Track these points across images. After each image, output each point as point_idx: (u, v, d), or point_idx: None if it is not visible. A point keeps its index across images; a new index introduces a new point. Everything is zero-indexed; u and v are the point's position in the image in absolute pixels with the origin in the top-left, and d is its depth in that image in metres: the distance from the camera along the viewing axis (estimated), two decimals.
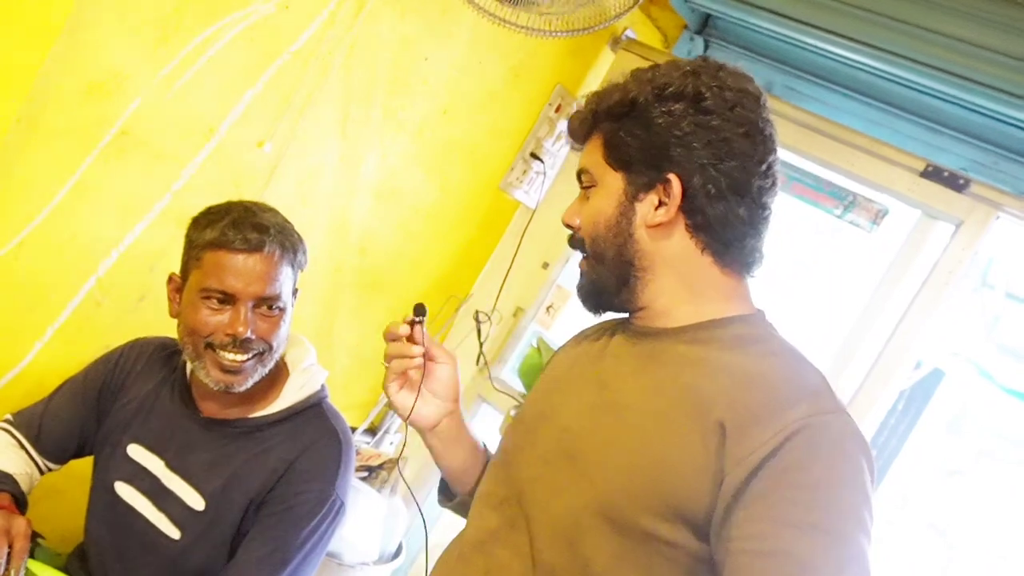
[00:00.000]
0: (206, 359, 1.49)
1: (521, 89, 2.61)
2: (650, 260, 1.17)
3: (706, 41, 2.94)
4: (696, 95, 1.13)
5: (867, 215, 2.38)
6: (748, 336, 1.16)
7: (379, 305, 2.62)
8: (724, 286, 1.19)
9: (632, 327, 1.23)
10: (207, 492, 1.51)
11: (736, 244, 1.17)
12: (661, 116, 1.14)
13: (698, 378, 1.10)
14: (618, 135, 1.17)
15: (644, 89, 1.16)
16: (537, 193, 2.81)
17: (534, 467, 1.19)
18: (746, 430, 1.01)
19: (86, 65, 1.59)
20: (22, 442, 1.58)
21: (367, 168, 2.28)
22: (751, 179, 1.15)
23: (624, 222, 1.17)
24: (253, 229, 1.48)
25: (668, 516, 1.04)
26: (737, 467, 1.00)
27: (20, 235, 1.65)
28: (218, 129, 1.86)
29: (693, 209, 1.15)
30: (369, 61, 2.10)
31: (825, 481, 0.99)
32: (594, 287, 1.23)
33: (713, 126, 1.13)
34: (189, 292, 1.50)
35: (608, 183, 1.19)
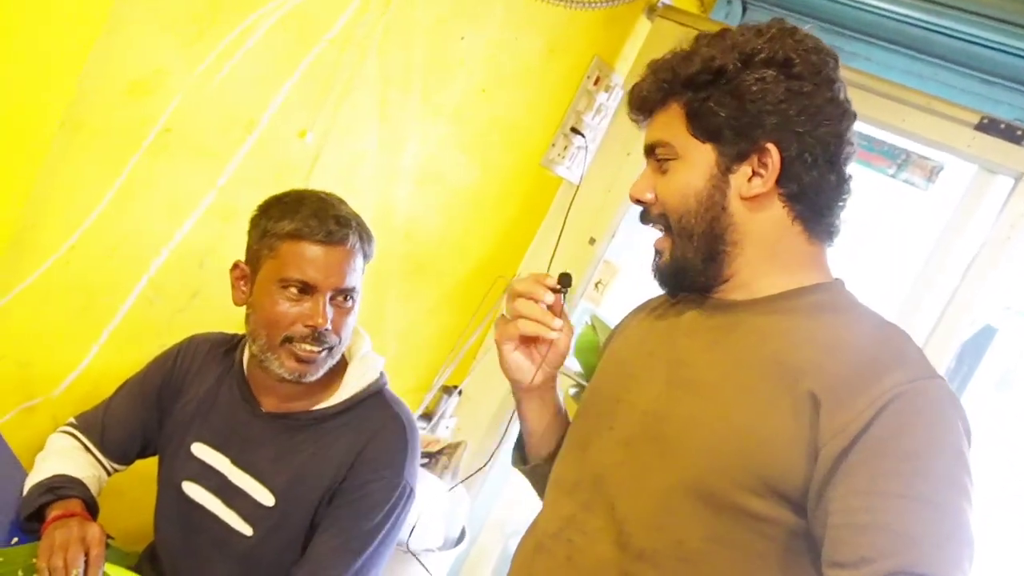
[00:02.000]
0: (281, 351, 1.49)
1: (558, 63, 2.58)
2: (741, 233, 1.13)
3: (744, 3, 2.88)
4: (786, 60, 1.09)
5: (922, 173, 2.32)
6: (829, 303, 1.12)
7: (426, 290, 2.61)
8: (808, 255, 1.15)
9: (706, 301, 1.19)
10: (276, 488, 1.51)
11: (827, 212, 1.14)
12: (754, 83, 1.09)
13: (782, 348, 1.07)
14: (705, 105, 1.11)
15: (729, 56, 1.10)
16: (580, 168, 2.77)
17: (615, 452, 1.16)
18: (840, 400, 0.98)
19: (126, 64, 1.58)
20: (88, 445, 1.59)
21: (408, 152, 2.26)
22: (841, 145, 1.12)
23: (717, 195, 1.12)
24: (335, 221, 1.48)
25: (762, 491, 1.02)
26: (833, 439, 0.97)
27: (71, 239, 1.65)
28: (259, 121, 1.85)
29: (789, 178, 1.11)
30: (405, 44, 2.08)
31: (925, 450, 0.96)
32: (678, 266, 1.17)
33: (805, 92, 1.09)
34: (264, 281, 1.49)
35: (694, 155, 1.14)
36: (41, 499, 1.42)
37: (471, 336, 2.79)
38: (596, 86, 2.73)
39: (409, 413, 1.61)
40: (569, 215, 2.70)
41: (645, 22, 2.77)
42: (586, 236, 2.73)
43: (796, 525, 1.02)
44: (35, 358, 1.73)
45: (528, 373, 1.27)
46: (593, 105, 2.74)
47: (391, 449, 1.54)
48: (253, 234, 1.53)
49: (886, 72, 2.52)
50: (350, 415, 1.56)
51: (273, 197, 1.55)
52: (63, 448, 1.56)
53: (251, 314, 1.52)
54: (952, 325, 2.20)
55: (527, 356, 1.27)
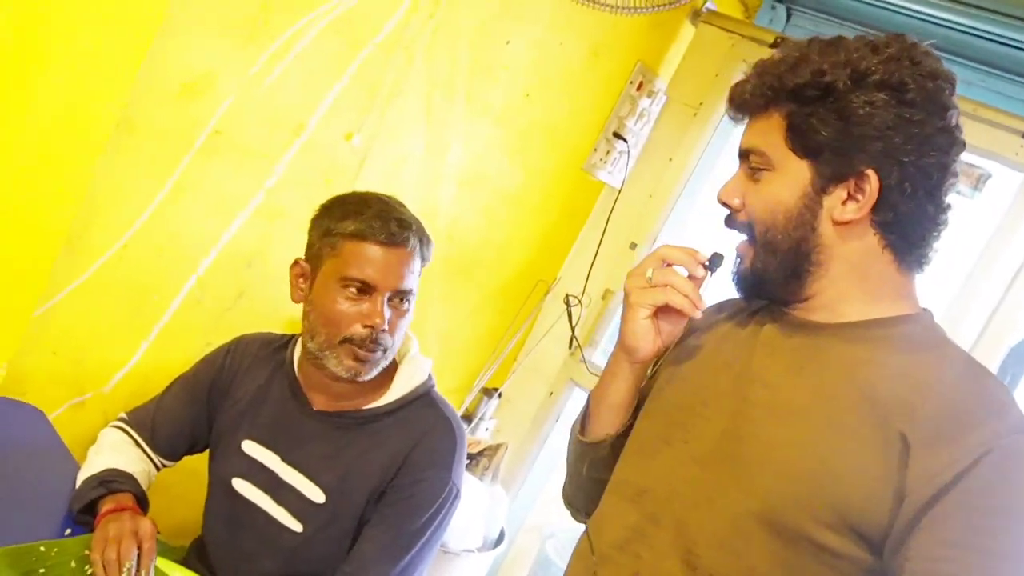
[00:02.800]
0: (340, 350, 1.51)
1: (602, 68, 2.58)
2: (827, 255, 1.09)
3: (788, 9, 2.87)
4: (900, 84, 1.03)
5: (968, 181, 2.29)
6: (919, 338, 1.09)
7: (468, 292, 2.63)
8: (897, 285, 1.11)
9: (786, 317, 1.15)
10: (325, 485, 1.53)
11: (920, 243, 1.09)
12: (862, 106, 1.04)
13: (872, 382, 1.03)
14: (808, 120, 1.07)
15: (841, 73, 1.05)
16: (621, 173, 2.77)
17: (687, 467, 1.12)
18: (933, 446, 0.95)
19: (179, 67, 1.61)
20: (137, 440, 1.61)
21: (452, 155, 2.28)
22: (945, 175, 1.07)
23: (808, 215, 1.09)
24: (397, 223, 1.51)
25: (838, 527, 0.99)
26: (923, 485, 0.94)
27: (123, 238, 1.69)
28: (307, 124, 1.88)
29: (885, 206, 1.06)
30: (451, 48, 2.09)
31: (1015, 508, 0.93)
32: (757, 276, 1.14)
33: (916, 120, 1.04)
34: (324, 279, 1.52)
35: (790, 169, 1.09)
36: (94, 492, 1.45)
37: (512, 339, 2.80)
38: (639, 91, 2.72)
39: (457, 415, 1.63)
40: (610, 220, 2.70)
41: (689, 27, 2.77)
42: (627, 241, 2.73)
43: (869, 563, 0.99)
44: (87, 354, 1.76)
45: (649, 343, 1.20)
46: (636, 110, 2.74)
47: (440, 450, 1.56)
48: (314, 232, 1.55)
49: None
50: (399, 415, 1.57)
51: (336, 197, 1.58)
52: (115, 442, 1.59)
53: (310, 311, 1.54)
54: (998, 333, 2.17)
55: (653, 326, 1.20)
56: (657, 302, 1.18)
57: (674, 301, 1.16)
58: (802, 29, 2.85)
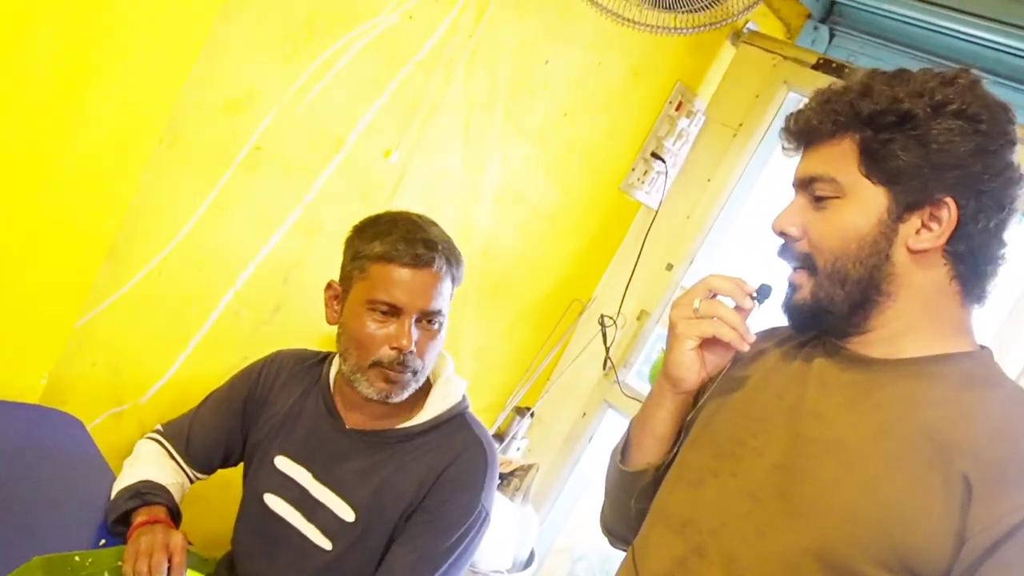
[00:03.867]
0: (371, 373, 1.51)
1: (641, 88, 2.58)
2: (898, 285, 1.07)
3: (831, 30, 2.84)
4: (976, 115, 1.03)
5: None
6: (979, 376, 1.06)
7: (502, 310, 2.62)
8: (958, 319, 1.09)
9: (839, 350, 1.13)
10: (357, 503, 1.53)
11: (987, 276, 1.07)
12: (942, 133, 1.03)
13: (935, 421, 1.01)
14: (887, 147, 1.05)
15: (919, 102, 1.04)
16: (659, 194, 2.76)
17: (739, 502, 1.10)
18: (995, 491, 0.93)
19: (223, 83, 1.63)
20: (172, 452, 1.62)
21: (489, 173, 2.28)
22: (1013, 209, 1.05)
23: (883, 242, 1.06)
24: (423, 245, 1.50)
25: (896, 568, 0.97)
26: (985, 531, 0.92)
27: (165, 251, 1.71)
28: (347, 140, 1.89)
29: (960, 237, 1.04)
30: (491, 67, 2.10)
31: None
32: (819, 307, 1.11)
33: (992, 150, 1.03)
34: (353, 302, 1.52)
35: (864, 196, 1.07)
36: (128, 504, 1.46)
37: (545, 358, 2.79)
38: (678, 111, 2.72)
39: (490, 437, 1.62)
40: (647, 240, 2.69)
41: (729, 48, 2.75)
42: (664, 262, 2.71)
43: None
44: (126, 365, 1.78)
45: (695, 374, 1.18)
46: (674, 130, 2.73)
47: (472, 472, 1.55)
48: (347, 255, 1.56)
49: None
50: (433, 435, 1.57)
51: (369, 218, 1.58)
52: (150, 454, 1.60)
53: (342, 333, 1.55)
54: None
55: (699, 357, 1.19)
56: (704, 334, 1.16)
57: (722, 334, 1.14)
58: (845, 50, 2.82)
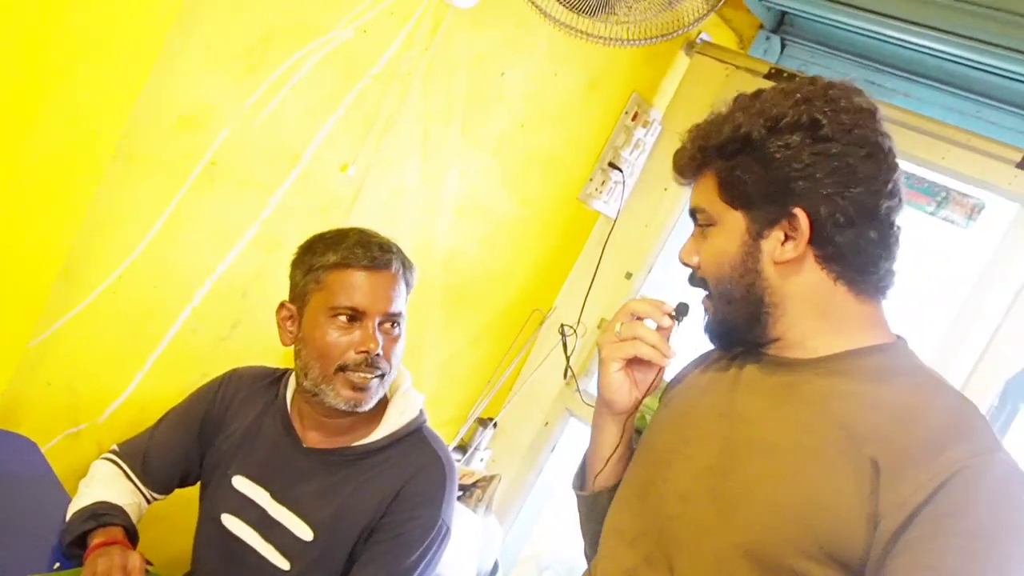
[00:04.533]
0: (336, 381, 1.50)
1: (597, 99, 2.60)
2: (780, 296, 1.12)
3: (783, 40, 2.89)
4: (812, 123, 1.08)
5: (962, 211, 2.30)
6: (892, 367, 1.10)
7: (464, 322, 2.63)
8: (860, 314, 1.13)
9: (765, 357, 1.18)
10: (315, 522, 1.52)
11: (871, 269, 1.12)
12: (779, 150, 1.08)
13: (847, 413, 1.05)
14: (734, 173, 1.12)
15: (755, 122, 1.10)
16: (617, 203, 2.78)
17: (673, 504, 1.14)
18: (902, 471, 0.96)
19: (176, 99, 1.62)
20: (129, 473, 1.60)
21: (448, 186, 2.29)
22: (879, 201, 1.09)
23: (750, 261, 1.12)
24: (379, 248, 1.53)
25: (820, 558, 1.00)
26: (894, 511, 0.95)
27: (119, 268, 1.69)
28: (303, 155, 1.89)
29: (822, 240, 1.09)
30: (447, 80, 2.11)
31: (987, 528, 0.93)
32: (723, 326, 1.18)
33: (834, 153, 1.07)
34: (312, 315, 1.52)
35: (728, 222, 1.14)
36: (84, 525, 1.44)
37: (507, 368, 2.80)
38: (634, 121, 2.74)
39: (448, 452, 1.62)
40: (606, 249, 2.71)
41: (684, 58, 2.79)
42: (623, 271, 2.73)
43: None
44: (82, 384, 1.76)
45: (626, 395, 1.25)
46: (631, 140, 2.76)
47: (431, 488, 1.55)
48: (297, 273, 1.56)
49: (926, 109, 2.51)
50: (391, 452, 1.57)
51: (313, 236, 1.59)
52: (106, 475, 1.59)
53: (301, 350, 1.54)
54: (994, 364, 2.18)
55: (627, 378, 1.25)
56: (627, 355, 1.22)
57: (642, 353, 1.21)
58: (796, 60, 2.87)
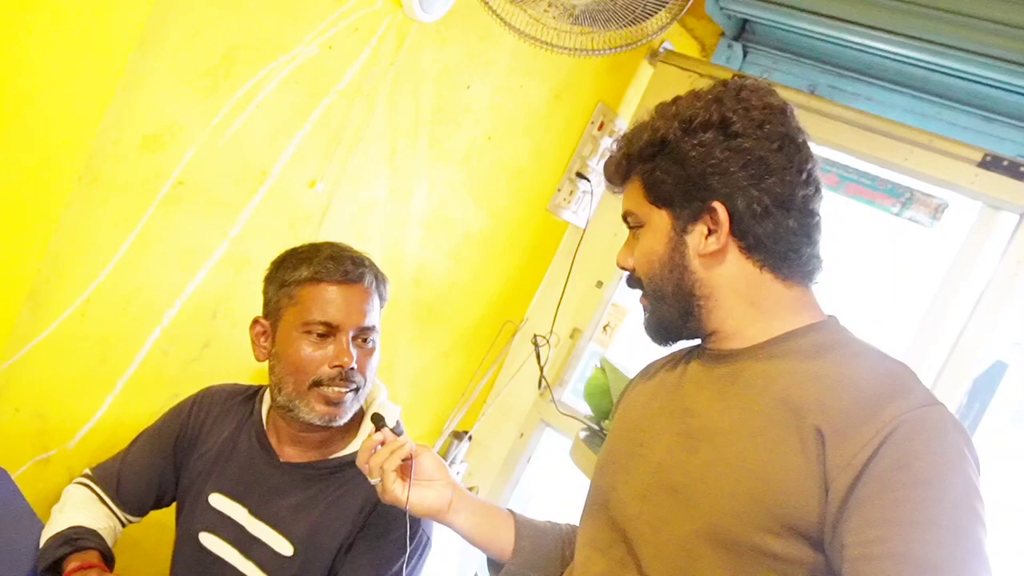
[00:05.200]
0: (310, 396, 1.50)
1: (563, 110, 2.61)
2: (710, 288, 1.18)
3: (744, 47, 2.92)
4: (723, 120, 1.15)
5: (926, 210, 2.34)
6: (826, 343, 1.15)
7: (436, 336, 2.62)
8: (789, 299, 1.19)
9: (706, 352, 1.23)
10: (295, 537, 1.51)
11: (792, 256, 1.18)
12: (693, 148, 1.16)
13: (787, 390, 1.09)
14: (654, 175, 1.19)
15: (671, 125, 1.18)
16: (586, 212, 2.80)
17: (632, 505, 1.18)
18: (844, 434, 1.01)
19: (141, 119, 1.61)
20: (102, 496, 1.59)
21: (416, 199, 2.29)
22: (794, 190, 1.16)
23: (677, 256, 1.19)
24: (351, 262, 1.53)
25: (779, 531, 1.03)
26: (842, 472, 0.99)
27: (87, 291, 1.67)
28: (271, 172, 1.88)
29: (743, 231, 1.16)
30: (413, 94, 2.11)
31: (934, 477, 0.97)
32: (659, 323, 1.25)
33: (746, 148, 1.14)
34: (286, 331, 1.51)
35: (654, 222, 1.21)
36: (59, 551, 1.42)
37: (481, 381, 2.80)
38: (600, 131, 2.76)
39: None
40: (576, 259, 2.72)
41: (647, 67, 2.81)
42: (594, 279, 2.75)
43: (816, 561, 1.03)
44: (51, 410, 1.74)
45: (436, 500, 1.33)
46: (598, 150, 2.77)
47: None
48: (270, 289, 1.55)
49: (888, 112, 2.55)
50: None
51: (286, 251, 1.58)
52: (79, 500, 1.57)
53: (275, 365, 1.53)
54: (962, 362, 2.21)
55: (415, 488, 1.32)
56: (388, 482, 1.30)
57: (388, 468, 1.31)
58: (759, 66, 2.91)
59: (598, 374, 2.24)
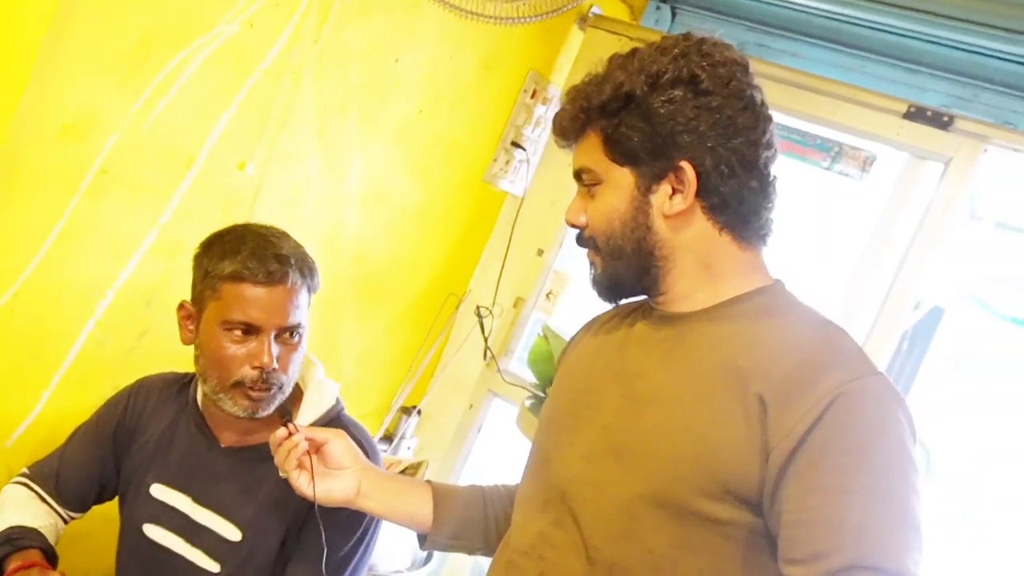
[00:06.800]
0: (234, 392, 1.47)
1: (494, 79, 2.60)
2: (670, 248, 1.16)
3: (673, 9, 2.93)
4: (692, 78, 1.12)
5: (855, 163, 2.37)
6: (771, 306, 1.15)
7: (379, 312, 2.61)
8: (743, 262, 1.18)
9: (653, 313, 1.22)
10: (242, 521, 1.50)
11: (753, 218, 1.17)
12: (662, 105, 1.12)
13: (731, 354, 1.10)
14: (619, 130, 1.15)
15: (636, 80, 1.13)
16: (523, 181, 2.80)
17: (575, 466, 1.18)
18: (786, 402, 1.02)
19: (58, 108, 1.57)
20: (42, 494, 1.57)
21: (351, 177, 2.27)
22: (758, 151, 1.14)
23: (640, 216, 1.16)
24: (275, 260, 1.46)
25: (721, 495, 1.05)
26: (782, 440, 1.00)
27: (14, 286, 1.63)
28: (198, 156, 1.85)
29: (708, 191, 1.14)
30: (340, 70, 2.08)
31: (868, 444, 0.99)
32: (611, 280, 1.22)
33: (715, 106, 1.12)
34: (208, 323, 1.48)
35: (615, 179, 1.17)
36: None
37: (427, 355, 2.79)
38: (533, 99, 2.75)
39: (369, 436, 1.61)
40: (516, 228, 2.72)
41: (577, 33, 2.81)
42: (534, 248, 2.75)
43: (757, 525, 1.05)
44: None
45: (344, 490, 1.34)
46: (532, 118, 2.77)
47: None
48: (196, 273, 1.52)
49: (814, 67, 2.58)
50: None
51: (215, 234, 1.54)
52: (17, 499, 1.54)
53: (199, 355, 1.51)
54: (895, 311, 2.25)
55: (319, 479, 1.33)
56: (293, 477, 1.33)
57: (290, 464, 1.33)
58: (687, 27, 2.91)
59: (540, 342, 2.25)
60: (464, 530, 1.41)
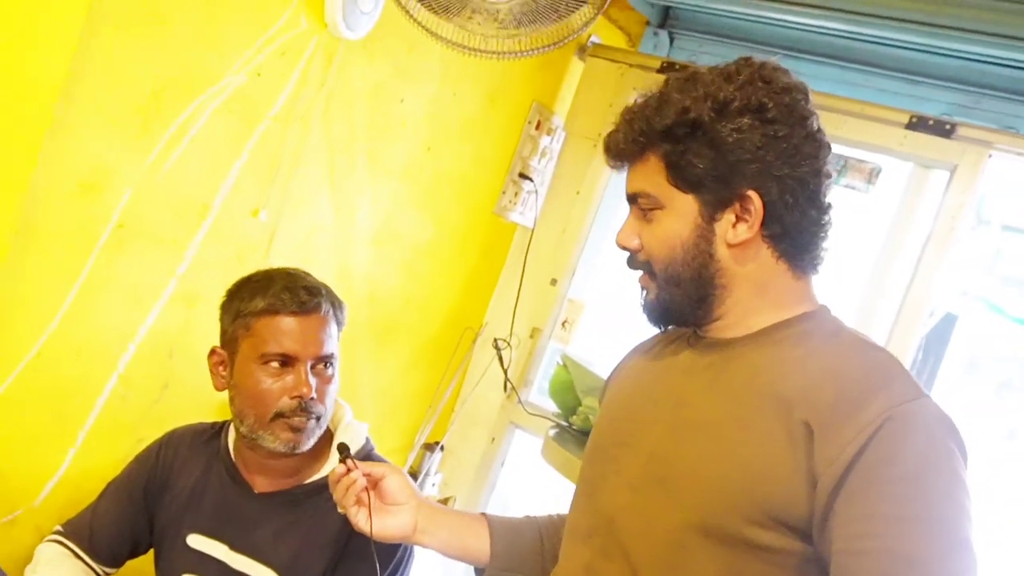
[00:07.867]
0: (274, 426, 1.48)
1: (499, 113, 2.62)
2: (730, 277, 1.15)
3: (671, 33, 2.95)
4: (760, 106, 1.10)
5: (861, 176, 2.38)
6: (816, 331, 1.14)
7: (396, 350, 2.62)
8: (795, 290, 1.18)
9: (700, 340, 1.21)
10: (278, 565, 1.50)
11: (811, 247, 1.16)
12: (730, 134, 1.10)
13: (774, 380, 1.08)
14: (684, 157, 1.13)
15: (703, 107, 1.11)
16: (532, 212, 2.81)
17: (621, 495, 1.17)
18: (832, 428, 1.00)
19: (74, 166, 1.59)
20: (76, 551, 1.56)
21: (361, 217, 2.28)
22: (820, 179, 1.13)
23: (703, 244, 1.14)
24: (306, 291, 1.50)
25: (767, 523, 1.03)
26: (829, 467, 0.99)
27: (37, 345, 1.64)
28: (212, 205, 1.86)
29: (772, 221, 1.13)
30: (347, 112, 2.11)
31: (919, 471, 0.98)
32: (665, 307, 1.20)
33: (782, 135, 1.10)
34: (243, 362, 1.50)
35: (678, 205, 1.15)
36: None
37: (446, 390, 2.79)
38: (538, 130, 2.77)
39: None
40: (528, 259, 2.73)
41: (577, 62, 2.83)
42: (547, 278, 2.76)
43: (806, 552, 1.03)
44: (12, 469, 1.70)
45: (400, 526, 1.33)
46: (538, 149, 2.79)
47: None
48: (226, 318, 1.54)
49: (817, 84, 2.57)
50: None
51: (241, 280, 1.57)
52: (52, 557, 1.54)
53: (235, 396, 1.52)
54: (912, 320, 2.25)
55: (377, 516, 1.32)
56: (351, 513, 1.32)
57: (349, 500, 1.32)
58: (686, 51, 2.94)
59: (560, 371, 2.25)
60: (521, 563, 1.39)
